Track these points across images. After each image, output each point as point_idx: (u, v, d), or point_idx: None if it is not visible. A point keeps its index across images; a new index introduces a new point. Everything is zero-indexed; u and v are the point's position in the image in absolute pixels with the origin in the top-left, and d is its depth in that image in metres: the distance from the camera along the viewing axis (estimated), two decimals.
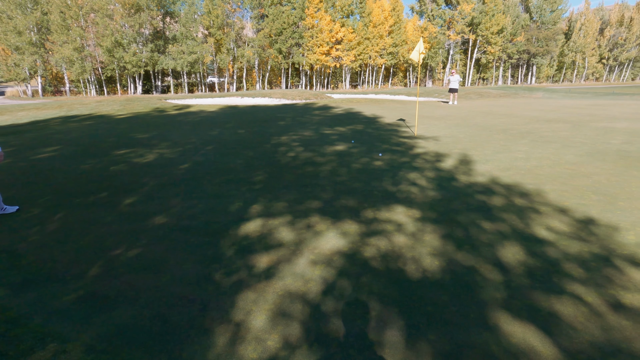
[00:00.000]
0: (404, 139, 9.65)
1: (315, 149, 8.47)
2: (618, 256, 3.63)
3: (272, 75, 57.53)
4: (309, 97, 27.08)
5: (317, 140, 9.58)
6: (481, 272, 3.38)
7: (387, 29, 51.97)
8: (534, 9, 62.59)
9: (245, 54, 48.29)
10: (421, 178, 6.15)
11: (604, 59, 69.02)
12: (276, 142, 9.34)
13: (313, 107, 19.07)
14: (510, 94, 30.46)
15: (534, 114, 14.92)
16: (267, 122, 13.02)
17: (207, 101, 23.37)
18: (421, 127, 11.55)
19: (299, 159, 7.48)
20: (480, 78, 64.96)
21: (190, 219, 4.54)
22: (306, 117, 14.66)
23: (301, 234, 4.12)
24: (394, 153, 8.03)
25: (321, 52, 49.33)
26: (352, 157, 7.68)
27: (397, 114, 15.64)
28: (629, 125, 11.59)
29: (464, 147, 8.60)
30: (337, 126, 12.02)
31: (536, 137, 9.71)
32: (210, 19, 46.54)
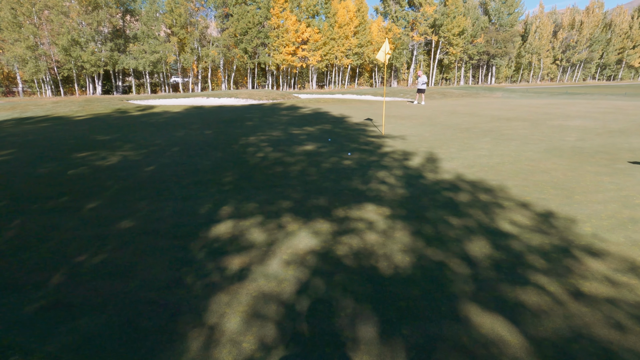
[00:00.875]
0: (372, 138, 9.78)
1: (285, 149, 8.44)
2: (576, 247, 3.83)
3: (238, 75, 56.91)
4: (276, 97, 26.95)
5: (286, 140, 9.55)
6: (450, 266, 3.48)
7: (352, 30, 52.46)
8: (493, 12, 64.90)
9: (210, 53, 47.52)
10: (390, 176, 6.26)
11: (558, 60, 72.44)
12: (244, 142, 9.24)
13: (280, 107, 19.00)
14: (472, 93, 31.42)
15: (495, 113, 15.46)
16: (234, 123, 12.86)
17: (172, 102, 22.82)
18: (388, 127, 11.74)
19: (268, 160, 7.43)
20: (443, 78, 66.72)
21: (158, 222, 4.42)
22: (274, 117, 14.58)
23: (273, 235, 4.10)
24: (363, 152, 8.12)
25: (287, 52, 49.22)
26: (321, 156, 7.71)
27: (364, 113, 15.82)
28: (581, 123, 12.22)
29: (430, 145, 8.80)
30: (305, 126, 12.03)
31: (497, 135, 10.07)
32: (173, 17, 45.47)
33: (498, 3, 64.66)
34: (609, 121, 12.72)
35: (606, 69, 78.77)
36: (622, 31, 73.92)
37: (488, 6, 65.44)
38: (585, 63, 74.77)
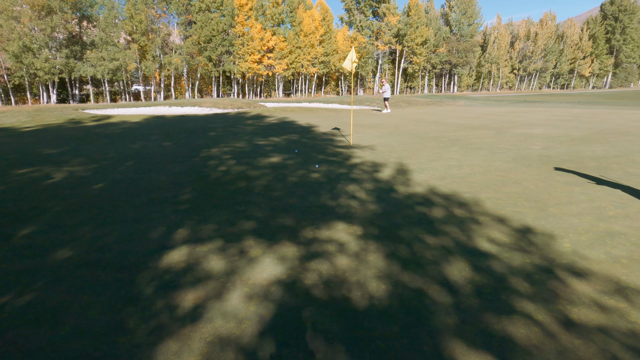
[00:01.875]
0: (340, 149, 9.49)
1: (249, 161, 8.00)
2: (559, 266, 3.61)
3: (203, 83, 55.76)
4: (241, 106, 26.38)
5: (251, 152, 9.10)
6: (430, 294, 3.16)
7: (318, 38, 52.60)
8: (454, 23, 66.93)
9: (173, 61, 46.28)
10: (360, 190, 5.94)
11: (515, 70, 75.36)
12: (206, 155, 8.72)
13: (246, 116, 18.49)
14: (436, 101, 31.98)
15: (460, 122, 15.58)
16: (196, 133, 12.27)
17: (131, 111, 21.82)
18: (356, 136, 11.51)
19: (230, 174, 6.97)
20: (407, 87, 67.96)
21: (101, 251, 3.89)
22: (238, 127, 14.08)
23: (233, 262, 3.67)
24: (331, 164, 7.79)
25: (253, 60, 48.70)
26: (287, 169, 7.32)
27: (331, 122, 15.57)
28: (545, 131, 12.43)
29: (399, 155, 8.59)
30: (271, 136, 11.61)
31: (465, 145, 10.01)
32: (133, 24, 44.05)
33: (458, 14, 66.78)
34: (569, 129, 13.01)
35: (560, 78, 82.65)
36: (573, 42, 77.88)
37: (449, 17, 67.44)
38: (540, 72, 78.18)
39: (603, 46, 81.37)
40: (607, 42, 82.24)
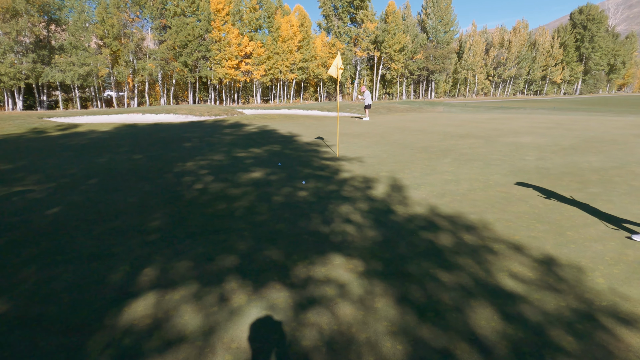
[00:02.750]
0: (327, 161, 8.87)
1: (228, 177, 7.28)
2: (600, 310, 3.06)
3: (179, 89, 54.40)
4: (218, 113, 25.51)
5: (230, 165, 8.37)
6: (458, 356, 2.55)
7: (296, 44, 52.11)
8: (430, 30, 67.64)
9: (147, 66, 44.93)
10: (355, 212, 5.32)
11: (491, 76, 76.75)
12: (180, 169, 7.95)
13: (223, 124, 17.68)
14: (416, 108, 31.85)
15: (445, 130, 15.22)
16: (170, 144, 11.44)
17: (101, 119, 20.68)
18: (342, 147, 10.92)
19: (208, 193, 6.24)
20: (386, 93, 68.18)
21: (45, 302, 3.13)
22: (216, 136, 13.30)
23: (212, 315, 2.97)
24: (319, 179, 7.15)
25: (230, 66, 47.82)
26: (272, 186, 6.64)
27: (314, 131, 14.96)
28: (533, 140, 12.14)
29: (390, 169, 8.03)
30: (251, 147, 10.90)
31: (457, 155, 9.55)
32: (105, 28, 42.59)
33: (435, 22, 67.55)
34: (556, 137, 12.77)
35: (533, 85, 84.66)
36: (544, 50, 79.97)
37: (426, 24, 68.13)
38: (514, 79, 79.88)
39: (573, 54, 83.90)
40: (576, 50, 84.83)
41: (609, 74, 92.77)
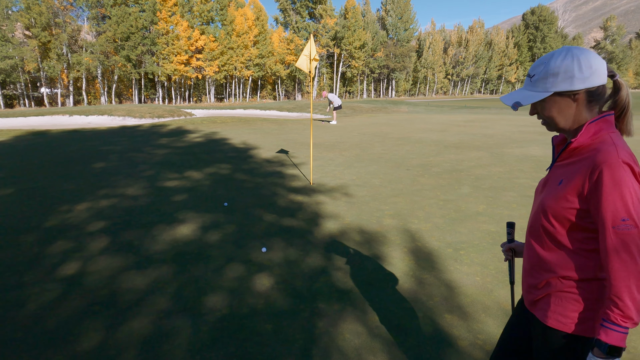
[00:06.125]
0: (297, 195, 6.06)
1: (136, 239, 4.31)
2: None
3: (122, 86, 49.41)
4: (162, 115, 21.98)
5: (147, 209, 5.37)
6: None
7: (251, 39, 48.72)
8: (390, 27, 66.19)
9: (83, 61, 40.05)
10: (376, 349, 2.56)
11: (449, 75, 76.58)
12: (59, 221, 4.87)
13: (162, 130, 14.38)
14: (380, 108, 29.74)
15: (430, 137, 12.81)
16: (74, 165, 8.21)
17: (6, 123, 16.73)
18: (314, 165, 8.15)
19: (81, 287, 3.27)
20: (346, 92, 66.05)
21: None
22: (145, 150, 10.11)
23: None
24: (289, 240, 4.34)
25: (179, 62, 43.70)
26: (207, 263, 3.75)
27: (274, 140, 12.07)
28: (544, 152, 9.91)
29: (394, 210, 5.34)
30: (189, 169, 7.88)
31: (473, 180, 7.03)
32: (31, 16, 37.36)
33: (394, 19, 66.16)
34: None
35: (489, 84, 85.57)
36: (500, 49, 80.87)
37: (386, 21, 66.63)
38: (472, 78, 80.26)
39: (526, 54, 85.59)
40: (529, 50, 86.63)
41: None
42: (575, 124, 1.26)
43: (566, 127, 1.28)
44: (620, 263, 1.09)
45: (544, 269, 1.31)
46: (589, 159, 1.17)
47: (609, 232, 1.11)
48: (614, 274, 1.10)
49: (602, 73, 1.20)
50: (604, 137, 1.19)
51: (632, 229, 1.08)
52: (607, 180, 1.11)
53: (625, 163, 1.11)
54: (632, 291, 1.08)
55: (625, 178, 1.10)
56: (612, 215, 1.10)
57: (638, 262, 1.08)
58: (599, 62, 1.19)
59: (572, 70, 1.19)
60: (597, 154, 1.15)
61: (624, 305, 1.08)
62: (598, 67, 1.19)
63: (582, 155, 1.22)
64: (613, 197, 1.10)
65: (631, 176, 1.11)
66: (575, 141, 1.23)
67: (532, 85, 1.28)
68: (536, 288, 1.35)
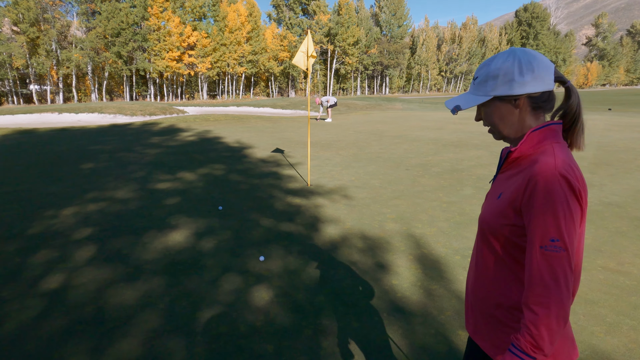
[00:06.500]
0: (295, 198, 5.83)
1: (124, 246, 4.06)
2: None
3: (113, 83, 48.70)
4: (154, 112, 21.61)
5: (137, 213, 5.12)
6: None
7: (244, 36, 48.21)
8: (384, 23, 65.96)
9: (73, 57, 39.38)
10: None
11: (443, 72, 76.59)
12: (44, 227, 4.60)
13: (153, 129, 14.06)
14: (374, 104, 29.58)
15: (428, 135, 12.64)
16: (61, 166, 7.91)
17: None
18: (312, 165, 7.92)
19: (67, 304, 3.02)
20: (340, 88, 65.77)
21: None
22: (136, 149, 9.82)
23: None
24: (288, 246, 4.11)
25: (171, 58, 43.11)
26: (201, 274, 3.52)
27: (269, 139, 11.82)
28: None
29: (397, 214, 5.14)
30: (182, 170, 7.61)
31: (475, 181, 6.84)
32: (19, 11, 36.64)
33: (388, 15, 65.93)
34: None
35: None
36: (493, 46, 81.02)
37: (379, 17, 66.39)
38: (465, 75, 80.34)
39: None
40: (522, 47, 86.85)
41: None
42: (518, 132, 1.15)
43: (510, 135, 1.16)
44: (543, 288, 0.96)
45: (485, 293, 1.17)
46: (527, 170, 1.05)
47: (535, 252, 0.98)
48: (534, 298, 0.97)
49: (546, 78, 1.08)
50: (545, 148, 1.07)
51: (561, 251, 0.95)
52: (540, 194, 0.98)
53: (562, 177, 0.98)
54: (550, 321, 0.95)
55: (559, 194, 0.97)
56: (542, 234, 0.97)
57: (562, 289, 0.95)
58: (544, 66, 1.07)
59: (512, 74, 1.08)
60: (533, 165, 1.03)
61: (538, 335, 0.95)
62: (541, 72, 1.07)
63: (522, 167, 1.09)
64: (544, 214, 0.97)
65: (568, 192, 0.97)
66: (515, 150, 1.12)
67: (474, 88, 1.17)
68: (478, 314, 1.21)
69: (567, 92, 1.13)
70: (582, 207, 1.00)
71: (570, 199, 0.97)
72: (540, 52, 61.89)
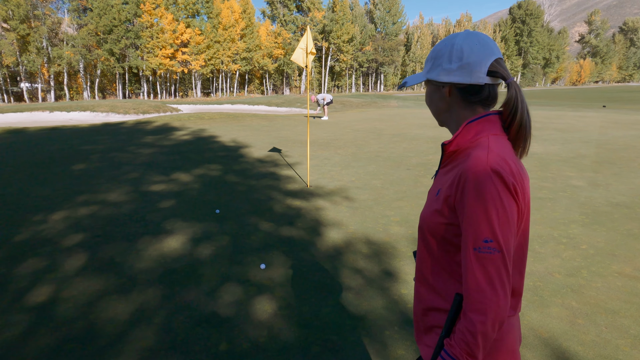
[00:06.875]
0: (295, 200, 5.63)
1: (117, 254, 3.85)
2: None
3: (106, 81, 48.13)
4: (147, 110, 21.29)
5: (130, 217, 4.90)
6: None
7: (238, 33, 47.81)
8: (378, 20, 65.77)
9: (64, 54, 38.81)
10: None
11: None
12: (31, 233, 4.38)
13: (147, 128, 13.79)
14: (369, 102, 29.41)
15: (426, 133, 12.49)
16: (51, 167, 7.66)
17: None
18: (310, 164, 7.72)
19: (55, 319, 2.82)
20: (335, 86, 65.54)
21: None
22: (130, 149, 9.57)
23: None
24: (290, 253, 3.92)
25: (164, 55, 42.65)
26: (199, 284, 3.32)
27: (266, 138, 11.60)
28: (547, 149, 9.64)
29: (402, 215, 4.96)
30: (176, 170, 7.39)
31: None
32: (9, 8, 35.99)
33: (383, 12, 65.74)
34: (569, 143, 10.41)
35: None
36: None
37: (374, 14, 66.18)
38: None
39: (513, 47, 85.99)
40: (516, 44, 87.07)
41: (545, 68, 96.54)
42: (455, 122, 1.08)
43: (445, 124, 1.12)
44: (479, 293, 0.88)
45: (423, 296, 1.10)
46: (460, 165, 0.98)
47: (469, 254, 0.90)
48: (469, 304, 0.90)
49: (477, 71, 0.98)
50: (481, 140, 0.98)
51: (495, 252, 0.88)
52: (471, 192, 0.91)
53: (494, 172, 0.89)
54: (486, 328, 0.88)
55: (491, 190, 0.89)
56: (474, 235, 0.90)
57: (499, 293, 0.88)
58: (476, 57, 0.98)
59: (441, 59, 1.03)
60: (466, 160, 0.95)
61: (474, 343, 0.89)
62: (471, 63, 0.98)
63: (458, 161, 1.01)
64: (476, 212, 0.90)
65: (501, 188, 0.89)
66: (451, 143, 1.04)
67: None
68: (419, 319, 1.14)
69: (507, 87, 1.01)
70: (517, 203, 0.92)
71: (504, 195, 0.89)
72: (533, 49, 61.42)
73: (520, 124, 0.99)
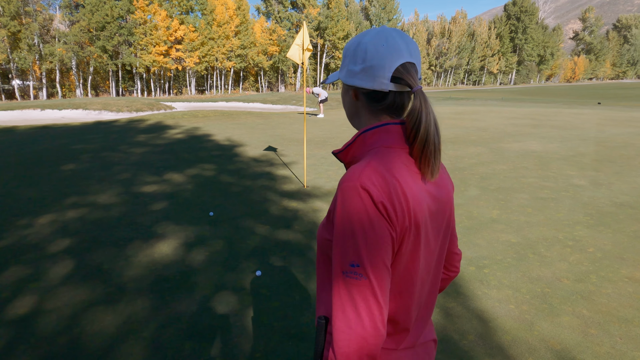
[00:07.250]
0: (291, 202, 5.47)
1: (105, 261, 3.67)
2: None
3: (99, 78, 47.60)
4: (140, 108, 20.98)
5: (119, 220, 4.72)
6: None
7: (233, 29, 47.41)
8: (373, 17, 65.54)
9: (57, 51, 38.32)
10: None
11: (433, 66, 76.50)
12: (15, 241, 4.19)
13: (140, 126, 13.54)
14: None
15: None
16: (40, 167, 7.44)
17: None
18: (307, 164, 7.55)
19: (37, 334, 2.64)
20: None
21: None
22: (121, 148, 9.35)
23: None
24: (287, 258, 3.76)
25: (158, 52, 42.21)
26: (191, 293, 3.15)
27: (261, 136, 11.41)
28: (546, 147, 9.52)
29: None
30: (169, 170, 7.19)
31: (479, 180, 6.54)
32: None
33: (378, 9, 65.52)
34: (568, 141, 10.31)
35: (472, 75, 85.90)
36: (482, 40, 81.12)
37: (369, 11, 65.95)
38: (455, 69, 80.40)
39: (508, 44, 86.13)
40: (511, 41, 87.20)
41: (539, 65, 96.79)
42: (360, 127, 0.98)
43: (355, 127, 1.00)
44: (344, 321, 0.78)
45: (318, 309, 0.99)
46: None
47: (337, 278, 0.81)
48: (336, 333, 0.79)
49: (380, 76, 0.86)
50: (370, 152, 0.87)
51: (362, 278, 0.78)
52: (339, 209, 0.81)
53: (363, 188, 0.79)
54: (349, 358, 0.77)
55: (357, 209, 0.78)
56: (341, 257, 0.80)
57: (365, 322, 0.77)
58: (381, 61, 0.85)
59: (347, 58, 0.92)
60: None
61: None
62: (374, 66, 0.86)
63: None
64: (343, 232, 0.80)
65: (370, 207, 0.78)
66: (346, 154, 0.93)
67: None
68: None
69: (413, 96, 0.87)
70: (393, 226, 0.79)
71: (374, 216, 0.78)
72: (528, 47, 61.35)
73: (425, 139, 0.85)
